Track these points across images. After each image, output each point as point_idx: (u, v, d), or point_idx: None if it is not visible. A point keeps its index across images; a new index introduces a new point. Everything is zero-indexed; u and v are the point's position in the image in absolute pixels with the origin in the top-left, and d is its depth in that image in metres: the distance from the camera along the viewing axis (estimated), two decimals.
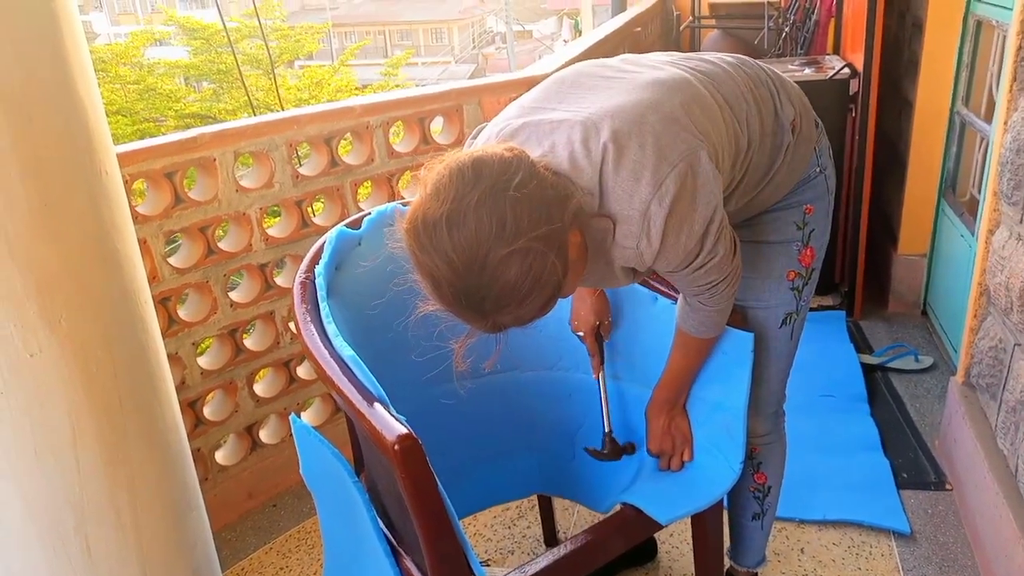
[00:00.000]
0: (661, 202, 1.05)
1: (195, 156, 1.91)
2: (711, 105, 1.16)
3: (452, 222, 0.92)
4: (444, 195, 0.94)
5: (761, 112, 1.24)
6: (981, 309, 2.01)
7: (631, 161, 1.05)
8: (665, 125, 1.08)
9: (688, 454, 1.46)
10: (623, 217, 1.06)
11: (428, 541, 1.13)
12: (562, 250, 0.97)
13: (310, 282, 1.38)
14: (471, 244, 0.92)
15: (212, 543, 1.29)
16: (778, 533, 1.95)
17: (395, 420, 1.09)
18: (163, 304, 1.93)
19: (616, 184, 1.05)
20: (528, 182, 0.95)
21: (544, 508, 1.95)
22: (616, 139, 1.05)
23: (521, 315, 0.98)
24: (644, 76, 1.16)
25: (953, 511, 1.98)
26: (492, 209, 0.92)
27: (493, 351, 1.14)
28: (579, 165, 1.05)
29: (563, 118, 1.09)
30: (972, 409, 2.00)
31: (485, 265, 0.92)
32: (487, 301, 0.95)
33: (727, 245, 1.16)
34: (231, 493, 2.15)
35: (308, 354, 1.27)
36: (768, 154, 1.27)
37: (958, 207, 2.69)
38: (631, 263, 1.14)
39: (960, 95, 2.69)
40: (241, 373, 2.13)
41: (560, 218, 0.97)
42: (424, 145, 2.34)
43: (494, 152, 0.98)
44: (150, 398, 1.07)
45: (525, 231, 0.93)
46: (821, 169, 1.37)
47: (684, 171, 1.06)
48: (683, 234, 1.09)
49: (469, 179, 0.94)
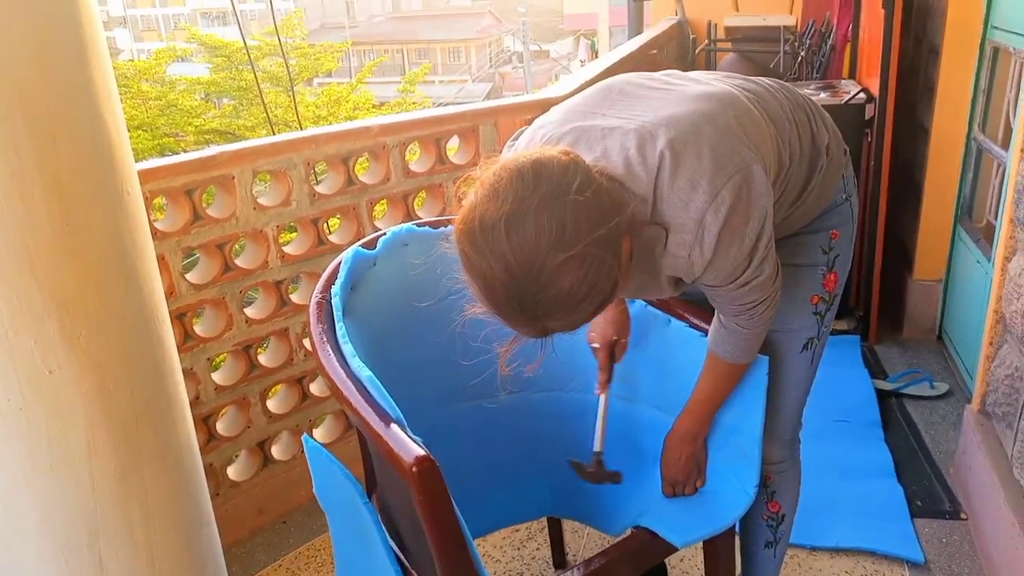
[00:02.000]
0: (717, 212, 1.04)
1: (214, 174, 1.94)
2: (759, 121, 1.17)
3: (511, 224, 0.91)
4: (503, 197, 0.93)
5: (800, 133, 1.25)
6: (997, 336, 1.99)
7: (689, 170, 1.05)
8: (721, 137, 1.08)
9: (700, 483, 1.45)
10: (677, 226, 1.06)
11: (443, 562, 1.13)
12: (618, 256, 0.97)
13: (326, 302, 1.39)
14: (530, 247, 0.91)
15: (223, 559, 1.30)
16: (790, 560, 1.93)
17: (413, 442, 1.09)
18: (179, 319, 1.95)
19: (672, 192, 1.05)
20: (586, 187, 0.95)
21: (553, 530, 1.94)
22: (673, 147, 1.05)
23: (572, 321, 0.98)
24: (694, 89, 1.16)
25: (968, 541, 1.96)
26: (553, 213, 0.92)
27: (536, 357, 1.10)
28: (634, 172, 1.04)
29: (615, 125, 1.09)
30: (988, 438, 1.98)
31: (543, 269, 0.92)
32: (540, 306, 0.94)
33: (773, 264, 1.17)
34: (242, 509, 2.16)
35: (324, 374, 1.28)
36: (804, 175, 1.27)
37: (974, 233, 2.68)
38: (680, 273, 1.13)
39: (977, 121, 2.68)
40: (255, 389, 2.14)
41: (616, 224, 0.96)
42: (440, 165, 2.36)
43: (552, 155, 0.97)
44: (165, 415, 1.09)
45: (584, 236, 0.92)
46: (847, 196, 1.38)
47: (739, 183, 1.06)
48: (735, 246, 1.08)
49: (529, 182, 0.93)
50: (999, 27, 2.47)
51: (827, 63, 4.08)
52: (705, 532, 1.38)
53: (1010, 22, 2.36)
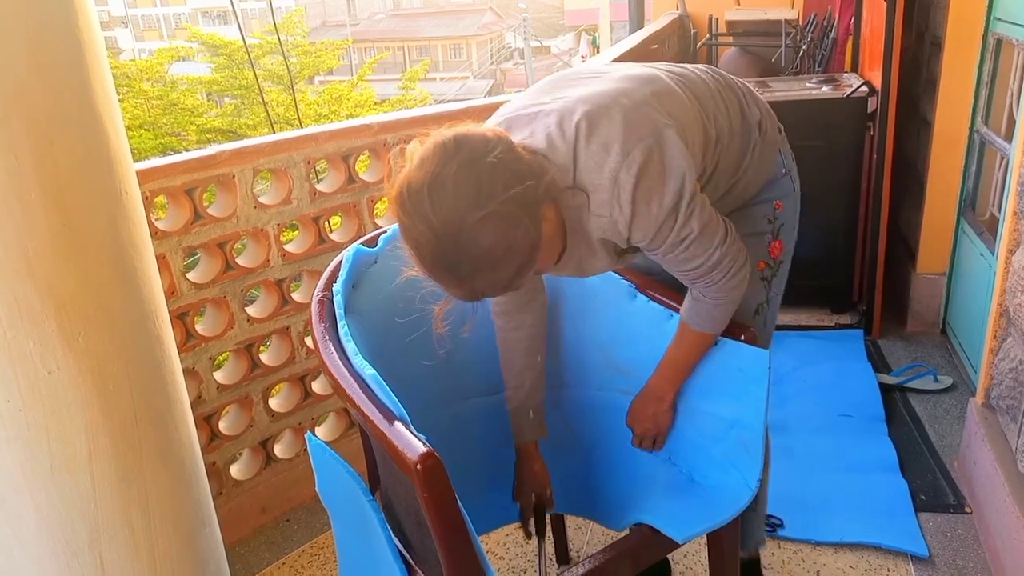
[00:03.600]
0: (629, 169, 1.11)
1: (215, 173, 1.94)
2: (681, 97, 1.25)
3: (432, 188, 1.00)
4: (427, 165, 1.01)
5: (729, 111, 1.34)
6: (1001, 330, 1.99)
7: (602, 135, 1.12)
8: (636, 106, 1.16)
9: (659, 446, 1.50)
10: (595, 187, 1.13)
11: (448, 560, 1.13)
12: (535, 218, 1.05)
13: (328, 300, 1.39)
14: (449, 208, 0.99)
15: (225, 559, 1.30)
16: (793, 555, 1.93)
17: (417, 439, 1.09)
18: (181, 319, 1.95)
19: (587, 156, 1.12)
20: (505, 155, 1.03)
21: (557, 527, 1.94)
22: (588, 117, 1.13)
23: (495, 281, 1.05)
24: (620, 72, 1.26)
25: (972, 534, 1.95)
26: (469, 175, 1.00)
27: (469, 317, 1.22)
28: (554, 144, 1.13)
29: (540, 108, 1.18)
30: (992, 431, 1.98)
31: (461, 228, 0.99)
32: (463, 265, 1.02)
33: (703, 221, 1.19)
34: (245, 507, 2.16)
35: (327, 373, 1.27)
36: (738, 150, 1.35)
37: (978, 226, 2.66)
38: (608, 234, 1.19)
39: (980, 114, 2.67)
40: (257, 388, 2.14)
41: (534, 186, 1.04)
42: None
43: (476, 130, 1.06)
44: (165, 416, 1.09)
45: (499, 194, 1.00)
46: (787, 171, 1.46)
47: (651, 144, 1.13)
48: (653, 203, 1.14)
49: (451, 149, 1.02)
50: (1002, 19, 2.45)
51: (829, 57, 4.07)
52: (706, 527, 1.38)
53: (1012, 14, 2.35)
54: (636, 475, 1.57)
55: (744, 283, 1.30)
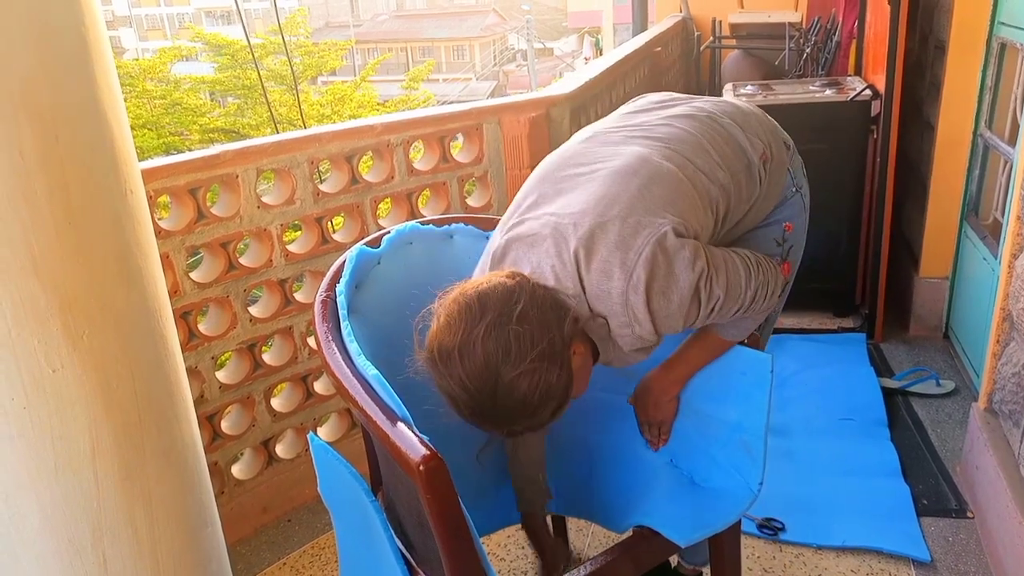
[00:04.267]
0: (636, 290, 1.13)
1: (218, 173, 1.94)
2: (670, 174, 1.22)
3: (463, 353, 1.06)
4: (455, 328, 1.07)
5: (727, 157, 1.30)
6: (1004, 334, 1.98)
7: (599, 261, 1.14)
8: (624, 218, 1.15)
9: (665, 433, 1.51)
10: (610, 312, 1.16)
11: (450, 561, 1.13)
12: (565, 362, 1.09)
13: (331, 300, 1.39)
14: (481, 371, 1.05)
15: (227, 559, 1.30)
16: (795, 559, 1.93)
17: (419, 440, 1.09)
18: (184, 318, 1.95)
19: (593, 285, 1.15)
20: (528, 311, 1.07)
21: (558, 529, 1.94)
22: (583, 244, 1.14)
23: (534, 423, 1.11)
24: (602, 168, 1.23)
25: (975, 540, 1.95)
26: (498, 338, 1.05)
27: None
28: (560, 278, 1.15)
29: (535, 231, 1.19)
30: (994, 436, 1.97)
31: (496, 388, 1.05)
32: (500, 416, 1.09)
33: (724, 285, 1.19)
34: (247, 507, 2.16)
35: (330, 373, 1.27)
36: (745, 189, 1.33)
37: (981, 230, 2.66)
38: (637, 344, 1.21)
39: (983, 118, 2.67)
40: (259, 387, 2.14)
41: (560, 336, 1.09)
42: (444, 163, 2.36)
43: (497, 283, 1.10)
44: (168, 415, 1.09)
45: (528, 354, 1.05)
46: (797, 188, 1.44)
47: (652, 254, 1.13)
48: (672, 306, 1.16)
49: (476, 313, 1.07)
50: (1006, 23, 2.45)
51: (832, 60, 4.07)
52: (708, 530, 1.38)
53: (1017, 18, 2.35)
54: (638, 477, 1.57)
55: (778, 292, 1.31)
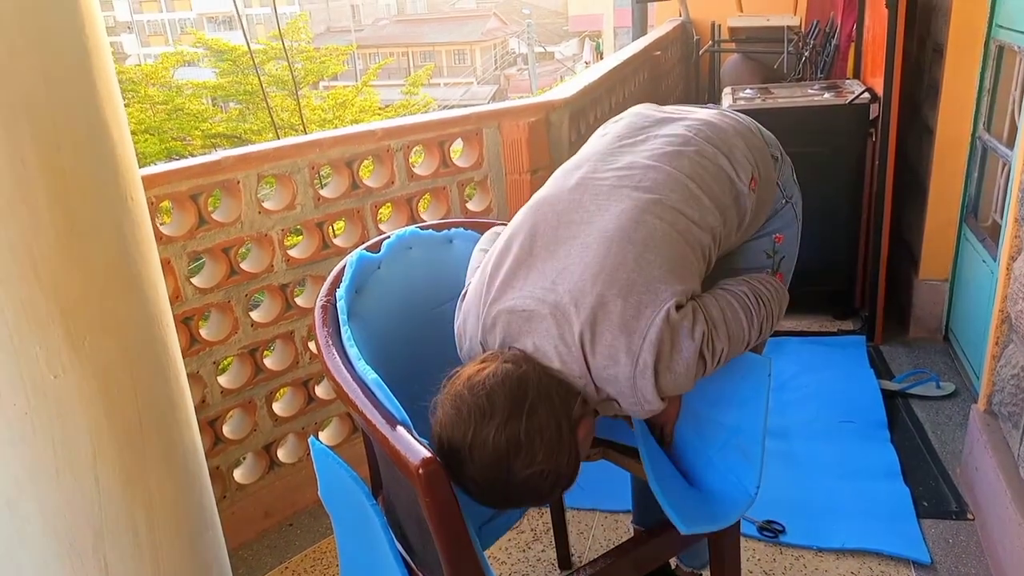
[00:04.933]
0: (644, 374, 1.13)
1: (219, 178, 1.95)
2: (664, 235, 1.18)
3: (473, 451, 1.07)
4: (465, 426, 1.08)
5: (715, 196, 1.27)
6: (1002, 336, 1.99)
7: (604, 347, 1.13)
8: (625, 298, 1.13)
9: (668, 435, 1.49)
10: (618, 394, 1.17)
11: (450, 564, 1.14)
12: (574, 447, 1.11)
13: (331, 305, 1.40)
14: (491, 468, 1.07)
15: (228, 563, 1.30)
16: (795, 561, 1.93)
17: (419, 444, 1.10)
18: (185, 323, 1.96)
19: (599, 368, 1.14)
20: (538, 405, 1.08)
21: (559, 531, 1.94)
22: (587, 327, 1.13)
23: (540, 501, 1.17)
24: (595, 233, 1.17)
25: (975, 541, 1.95)
26: (508, 439, 1.06)
27: None
28: (566, 361, 1.14)
29: (532, 308, 1.16)
30: (994, 438, 1.98)
31: (508, 482, 1.08)
32: (511, 500, 1.14)
33: (726, 337, 1.19)
34: (248, 511, 2.17)
35: (330, 377, 1.28)
36: (735, 218, 1.32)
37: (980, 233, 2.67)
38: (645, 414, 1.21)
39: (982, 120, 2.68)
40: (260, 392, 2.15)
41: (568, 423, 1.11)
42: (444, 168, 2.37)
43: (504, 374, 1.09)
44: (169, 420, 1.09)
45: (539, 450, 1.07)
46: (788, 199, 1.43)
47: (656, 337, 1.12)
48: (679, 377, 1.16)
49: (486, 411, 1.07)
50: (1004, 26, 2.46)
51: (831, 63, 4.08)
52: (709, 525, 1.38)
53: (1015, 21, 2.36)
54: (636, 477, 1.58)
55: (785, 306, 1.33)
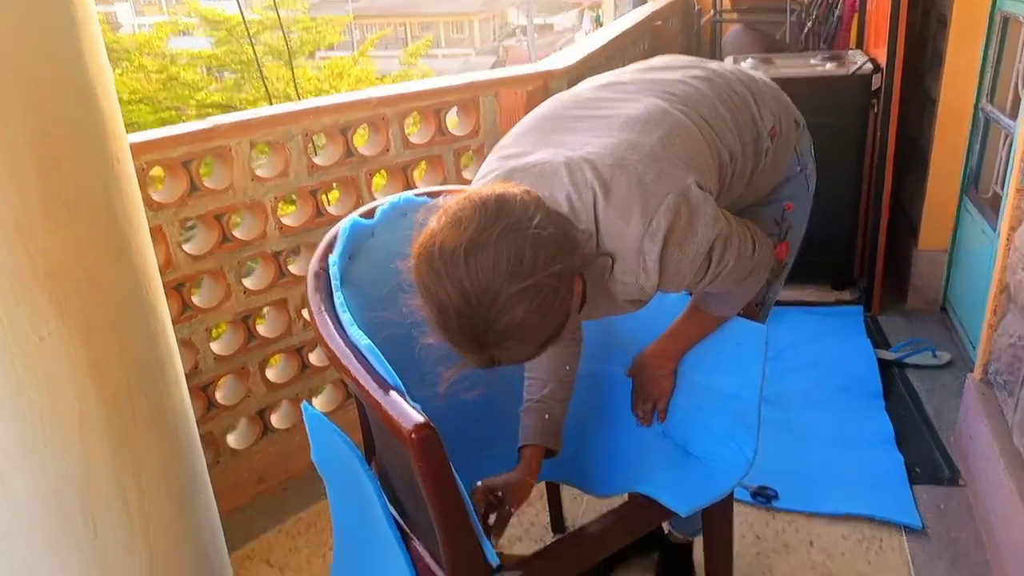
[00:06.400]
0: (653, 238, 1.07)
1: (212, 145, 1.93)
2: (690, 130, 1.17)
3: (471, 251, 0.94)
4: (465, 225, 0.96)
5: (739, 126, 1.26)
6: (1000, 306, 1.98)
7: (619, 200, 1.06)
8: (647, 164, 1.09)
9: (662, 410, 1.49)
10: (619, 255, 1.09)
11: (444, 530, 1.14)
12: (570, 292, 1.01)
13: (324, 272, 1.38)
14: (487, 275, 0.94)
15: (219, 526, 1.30)
16: (787, 525, 1.94)
17: (412, 409, 1.09)
18: (177, 290, 1.95)
19: (608, 223, 1.07)
20: (546, 224, 0.98)
21: (552, 496, 1.95)
22: (600, 180, 1.07)
23: (520, 352, 1.01)
24: (619, 115, 1.16)
25: (966, 508, 1.96)
26: (512, 244, 0.95)
27: (480, 383, 1.14)
28: (576, 208, 1.07)
29: (546, 159, 1.10)
30: (989, 406, 1.98)
31: (497, 297, 0.95)
32: (491, 334, 0.97)
33: (737, 249, 1.17)
34: (242, 476, 2.17)
35: (323, 343, 1.27)
36: (750, 161, 1.29)
37: (980, 204, 2.65)
38: (633, 296, 1.15)
39: (985, 92, 2.65)
40: (254, 359, 2.15)
41: (571, 260, 1.01)
42: (440, 136, 2.34)
43: (515, 192, 1.01)
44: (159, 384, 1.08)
45: (540, 269, 0.95)
46: (802, 168, 1.40)
47: (674, 203, 1.07)
48: (684, 262, 1.11)
49: (492, 212, 0.97)
50: None
51: (834, 33, 4.02)
52: (706, 499, 1.39)
53: None
54: (631, 447, 1.58)
55: (767, 274, 1.29)
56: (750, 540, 1.90)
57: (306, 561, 1.97)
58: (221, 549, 1.26)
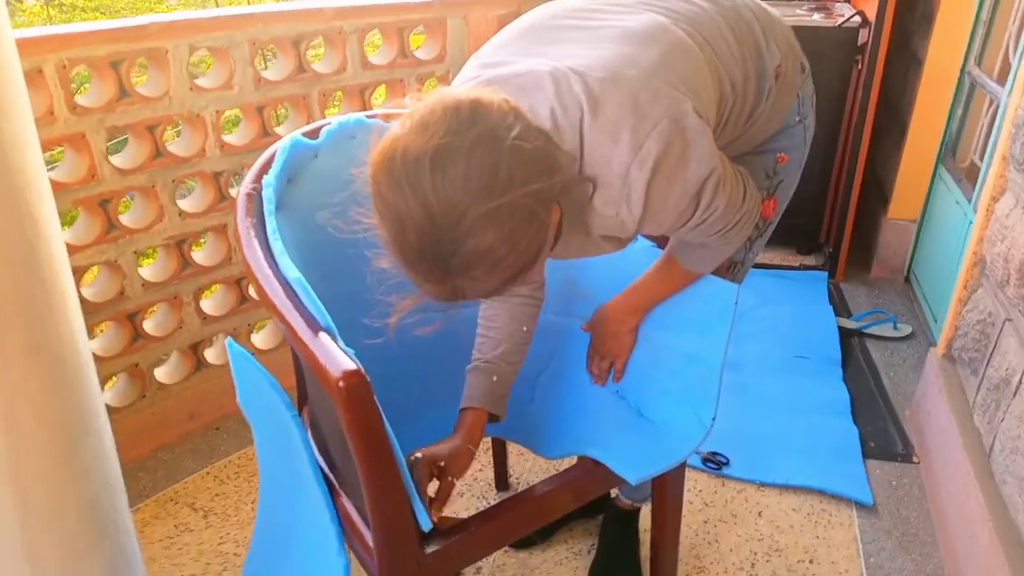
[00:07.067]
0: (642, 166, 0.94)
1: (144, 46, 1.74)
2: (692, 50, 1.04)
3: (438, 160, 0.80)
4: (434, 130, 0.81)
5: (744, 55, 1.13)
6: (972, 280, 1.92)
7: (608, 120, 0.93)
8: (643, 81, 0.96)
9: (619, 369, 1.40)
10: (603, 182, 0.96)
11: (371, 487, 1.04)
12: (543, 223, 0.86)
13: (257, 194, 1.24)
14: (456, 189, 0.80)
15: (119, 472, 1.16)
16: (737, 495, 1.89)
17: (343, 354, 0.97)
18: (103, 207, 1.77)
19: (593, 144, 0.94)
20: (526, 136, 0.84)
21: (498, 451, 1.86)
22: (589, 94, 0.93)
23: (485, 285, 0.87)
24: (615, 27, 1.03)
25: (918, 485, 1.93)
26: (486, 155, 0.81)
27: (439, 317, 1.01)
28: (560, 125, 0.94)
29: (529, 68, 0.97)
30: (950, 383, 1.93)
31: (465, 216, 0.80)
32: (455, 257, 0.83)
33: (729, 194, 1.05)
34: (170, 412, 2.04)
35: (250, 273, 1.14)
36: (751, 100, 1.16)
37: (956, 173, 2.58)
38: (612, 231, 1.03)
39: (973, 55, 2.55)
40: (188, 288, 1.99)
41: (548, 187, 0.86)
42: (402, 59, 2.17)
43: (492, 98, 0.86)
44: (40, 307, 0.92)
45: (516, 186, 0.81)
46: (801, 118, 1.28)
47: (667, 129, 0.94)
48: (672, 197, 0.98)
49: (465, 118, 0.82)
50: None
51: None
52: (659, 467, 1.30)
53: None
54: (582, 406, 1.49)
55: (750, 229, 1.16)
56: (698, 507, 1.84)
57: (233, 507, 1.86)
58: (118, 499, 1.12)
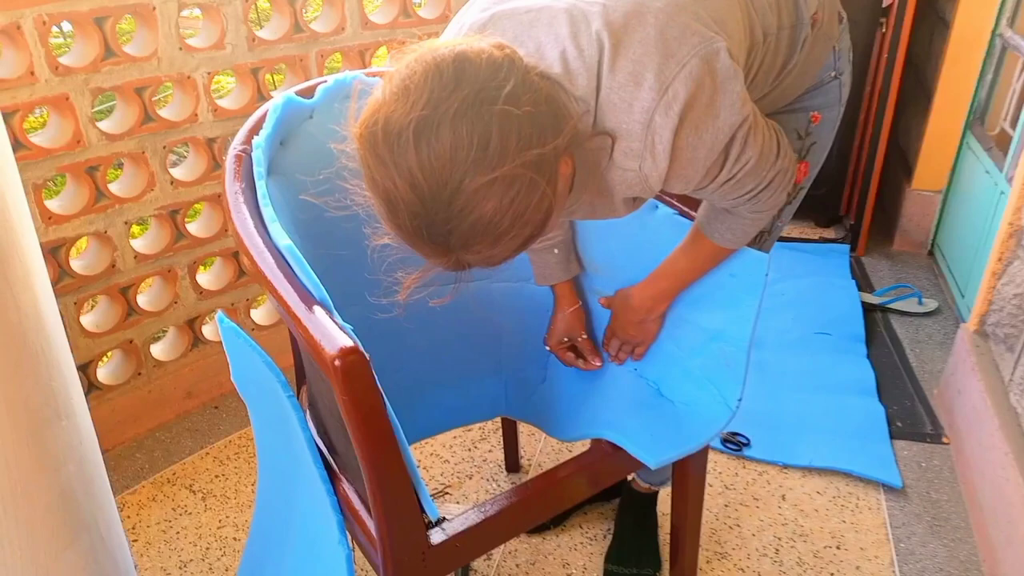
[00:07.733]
0: (668, 111, 0.84)
1: (130, 1, 1.63)
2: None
3: (422, 133, 0.72)
4: (415, 97, 0.73)
5: (780, 4, 1.03)
6: (1008, 252, 1.81)
7: (630, 60, 0.84)
8: (671, 14, 0.86)
9: (640, 354, 1.31)
10: (622, 132, 0.86)
11: (371, 472, 0.95)
12: (552, 181, 0.77)
13: (246, 156, 1.14)
14: (443, 164, 0.72)
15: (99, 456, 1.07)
16: (759, 477, 1.80)
17: (339, 330, 0.88)
18: (89, 174, 1.68)
19: (612, 88, 0.85)
20: (520, 94, 0.74)
21: (508, 432, 1.78)
22: (611, 30, 0.84)
23: (492, 256, 0.79)
24: None
25: (949, 467, 1.84)
26: (475, 123, 0.72)
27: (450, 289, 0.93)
28: (572, 69, 0.84)
29: (543, 4, 0.88)
30: (983, 360, 1.83)
31: (458, 192, 0.72)
32: (454, 235, 0.75)
33: (759, 146, 0.95)
34: (167, 391, 1.96)
35: (239, 242, 1.04)
36: (783, 51, 1.06)
37: (986, 141, 2.46)
38: (634, 190, 0.93)
39: (1006, 16, 2.42)
40: (182, 260, 1.90)
41: (554, 142, 0.76)
42: (405, 18, 2.06)
43: (481, 49, 0.76)
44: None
45: (512, 156, 0.73)
46: (837, 74, 1.17)
47: (697, 70, 0.84)
48: (700, 149, 0.88)
49: (449, 80, 0.73)
50: None
51: None
52: (680, 451, 1.21)
53: None
54: (598, 386, 1.40)
55: (786, 192, 1.06)
56: (718, 489, 1.76)
57: (233, 489, 1.78)
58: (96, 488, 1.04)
